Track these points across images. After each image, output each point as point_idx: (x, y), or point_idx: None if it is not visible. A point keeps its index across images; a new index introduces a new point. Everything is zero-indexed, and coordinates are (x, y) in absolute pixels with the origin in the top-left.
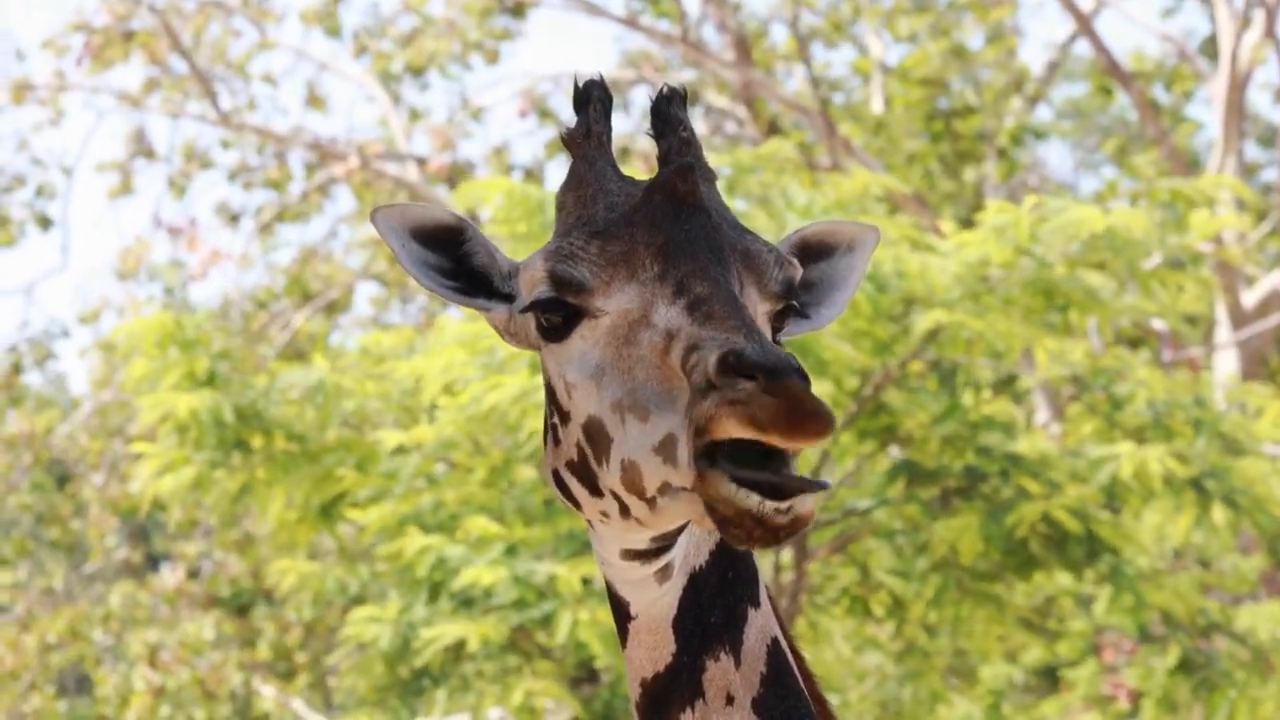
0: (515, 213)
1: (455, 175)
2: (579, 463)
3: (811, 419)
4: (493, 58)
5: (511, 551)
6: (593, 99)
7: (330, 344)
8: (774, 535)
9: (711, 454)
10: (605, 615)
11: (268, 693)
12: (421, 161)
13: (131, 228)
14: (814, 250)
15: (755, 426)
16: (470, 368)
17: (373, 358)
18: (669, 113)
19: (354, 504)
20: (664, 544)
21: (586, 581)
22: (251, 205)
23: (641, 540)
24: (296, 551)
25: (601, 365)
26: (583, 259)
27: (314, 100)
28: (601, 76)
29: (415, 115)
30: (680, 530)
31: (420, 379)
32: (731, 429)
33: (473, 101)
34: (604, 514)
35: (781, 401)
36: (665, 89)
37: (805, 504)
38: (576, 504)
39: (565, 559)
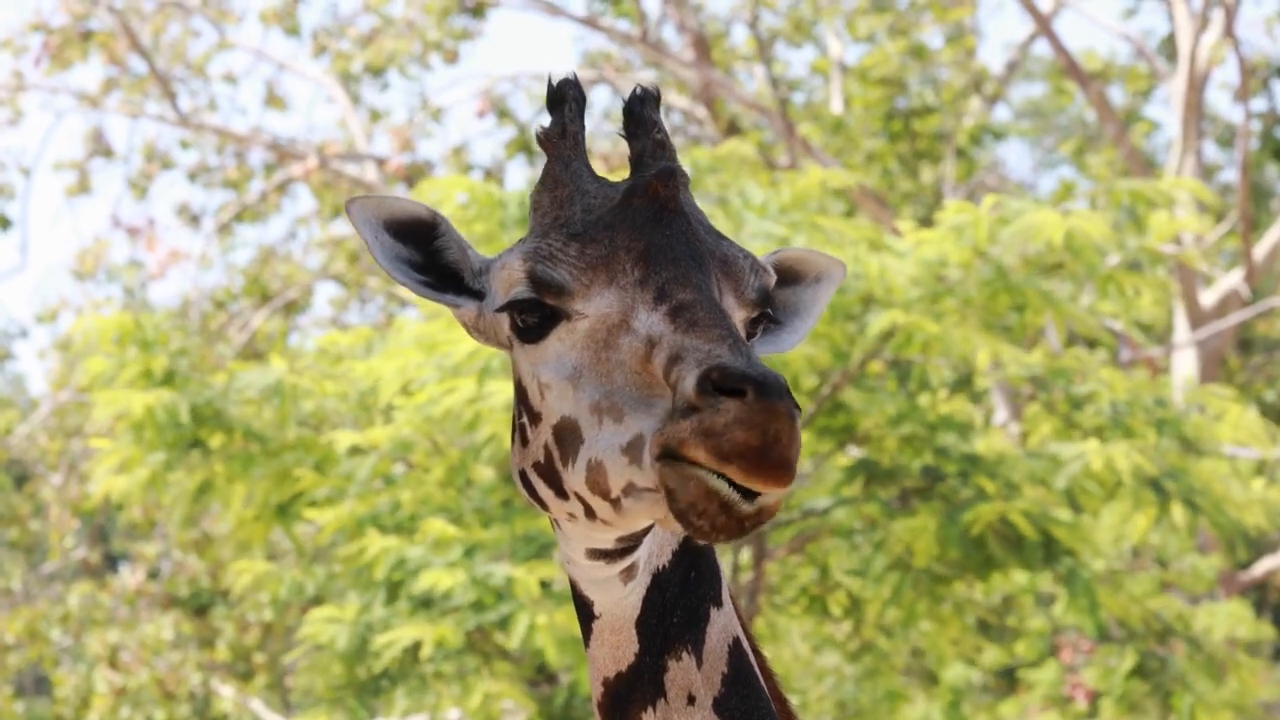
0: (473, 211)
1: (414, 175)
2: (544, 464)
3: (776, 469)
4: (452, 58)
5: (470, 553)
6: (567, 98)
7: (288, 344)
8: (739, 525)
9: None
10: (562, 618)
11: (226, 693)
12: (381, 161)
13: (89, 228)
14: (786, 275)
15: (719, 459)
16: (427, 369)
17: (330, 358)
18: (643, 114)
19: (311, 503)
20: (630, 544)
21: (545, 584)
22: (211, 205)
23: (607, 540)
24: (254, 551)
25: (579, 368)
26: (562, 261)
27: (273, 100)
28: (575, 76)
29: (375, 115)
30: (646, 531)
31: (377, 380)
32: (699, 457)
33: (432, 101)
34: (570, 515)
35: (753, 441)
36: (639, 90)
37: (772, 495)
38: (544, 505)
39: (523, 561)
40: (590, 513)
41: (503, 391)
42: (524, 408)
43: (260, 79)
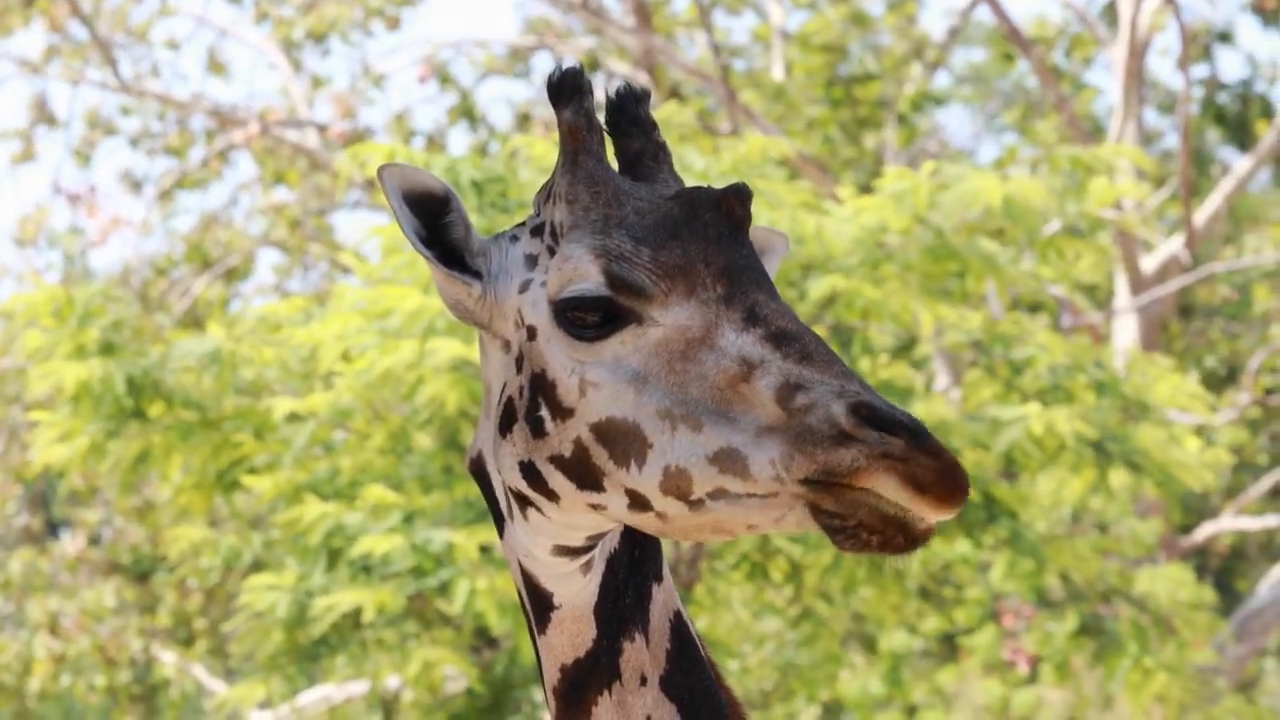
0: None
1: (356, 142)
2: (573, 458)
3: (961, 492)
4: (394, 24)
5: (409, 519)
6: (585, 88)
7: (230, 311)
8: (913, 542)
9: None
10: (503, 583)
11: (168, 659)
12: (322, 128)
13: (31, 194)
14: None
15: (914, 487)
16: (368, 334)
17: (269, 325)
18: (638, 113)
19: (251, 470)
20: (596, 540)
21: (484, 549)
22: (153, 172)
23: (578, 538)
24: (195, 519)
25: (642, 373)
26: (636, 264)
27: (215, 66)
28: (582, 65)
29: (317, 82)
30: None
31: (317, 345)
32: (883, 484)
33: (374, 68)
34: (595, 506)
35: (940, 465)
36: (633, 88)
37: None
38: (548, 495)
39: (463, 526)
40: (640, 507)
41: (445, 350)
42: (544, 400)
43: (202, 45)
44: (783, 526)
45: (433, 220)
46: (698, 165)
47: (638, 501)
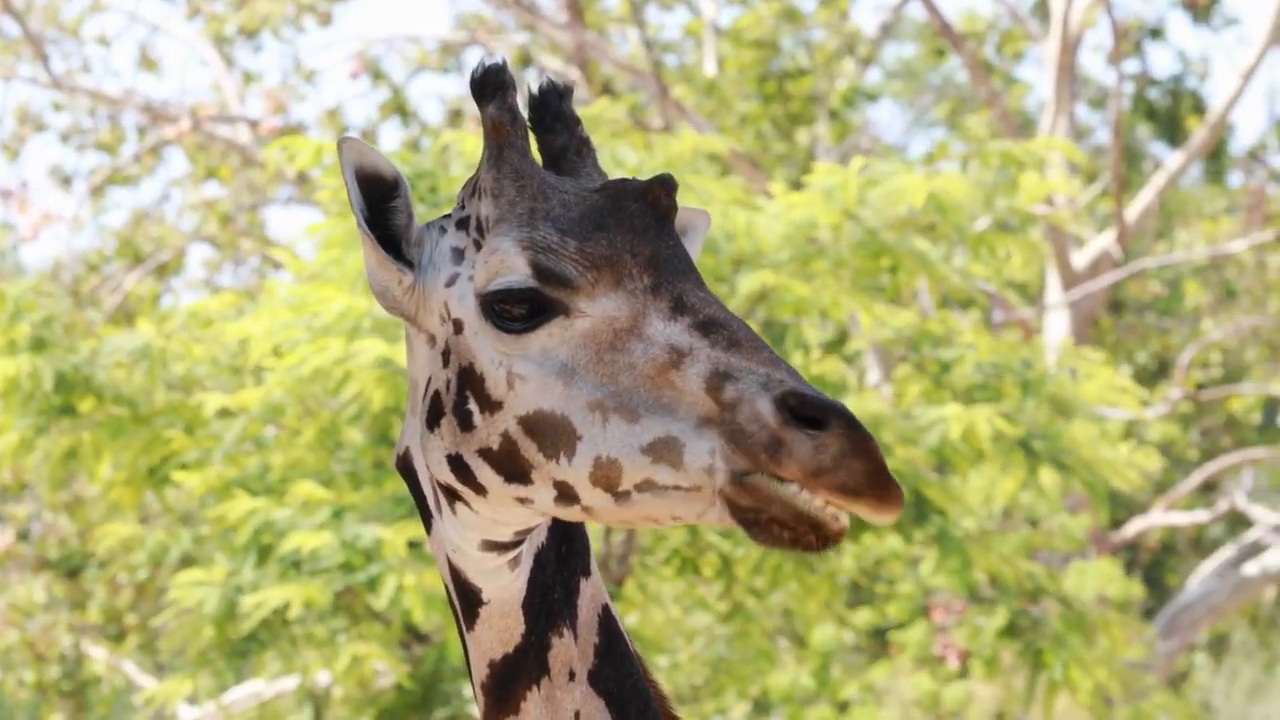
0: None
1: (288, 137)
2: (501, 451)
3: (894, 490)
4: (325, 20)
5: (338, 515)
6: (508, 84)
7: (160, 306)
8: (825, 542)
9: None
10: (430, 579)
11: (98, 655)
12: (254, 124)
13: None
14: None
15: (846, 495)
16: (297, 329)
17: (200, 321)
18: (561, 109)
19: (182, 466)
20: (523, 536)
21: (413, 545)
22: (84, 168)
23: (506, 533)
24: (125, 514)
25: (570, 365)
26: (563, 255)
27: (147, 62)
28: (505, 60)
29: (248, 78)
30: (536, 524)
31: (247, 340)
32: (820, 495)
33: (305, 64)
34: (522, 500)
35: (868, 465)
36: (555, 83)
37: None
38: (479, 489)
39: (392, 522)
40: (568, 500)
41: (370, 350)
42: (472, 394)
43: (134, 41)
44: (705, 520)
45: (379, 202)
46: (631, 160)
47: (565, 494)
